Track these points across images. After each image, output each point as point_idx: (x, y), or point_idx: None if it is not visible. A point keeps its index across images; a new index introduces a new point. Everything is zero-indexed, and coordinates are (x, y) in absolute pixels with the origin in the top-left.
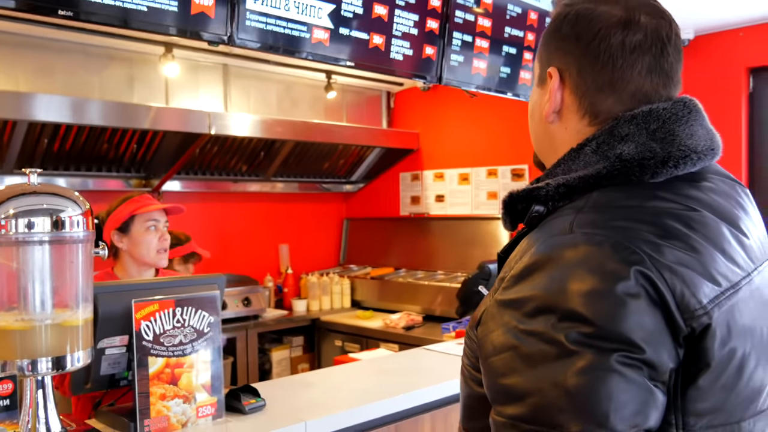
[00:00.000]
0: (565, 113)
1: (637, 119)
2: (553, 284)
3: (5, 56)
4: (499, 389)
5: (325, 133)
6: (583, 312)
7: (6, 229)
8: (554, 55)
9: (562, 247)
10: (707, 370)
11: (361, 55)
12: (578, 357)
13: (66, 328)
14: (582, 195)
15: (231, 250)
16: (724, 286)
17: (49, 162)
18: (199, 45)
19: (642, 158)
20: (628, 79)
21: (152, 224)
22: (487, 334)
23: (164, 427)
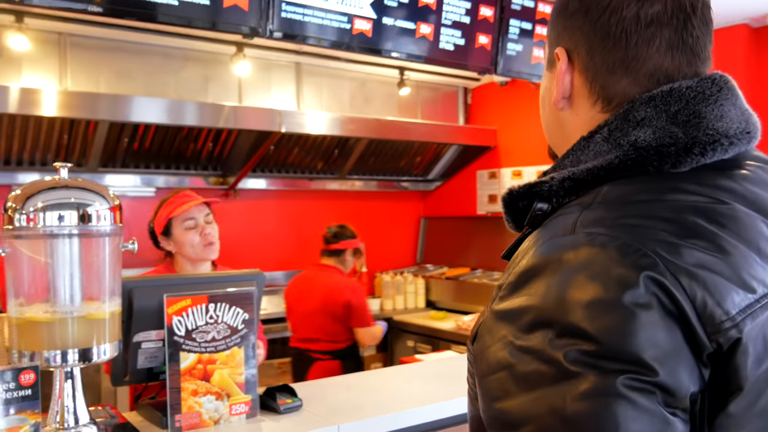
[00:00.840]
0: (575, 98)
1: (656, 100)
2: (551, 293)
3: (87, 59)
4: (494, 414)
5: (399, 131)
6: (584, 326)
7: (34, 222)
8: (562, 35)
9: (562, 250)
10: (739, 393)
11: (408, 45)
12: (579, 379)
13: (92, 321)
14: (591, 189)
15: (306, 247)
16: (760, 293)
17: (130, 161)
18: (270, 44)
19: (660, 145)
20: (644, 57)
21: (190, 223)
22: (482, 350)
23: (196, 423)
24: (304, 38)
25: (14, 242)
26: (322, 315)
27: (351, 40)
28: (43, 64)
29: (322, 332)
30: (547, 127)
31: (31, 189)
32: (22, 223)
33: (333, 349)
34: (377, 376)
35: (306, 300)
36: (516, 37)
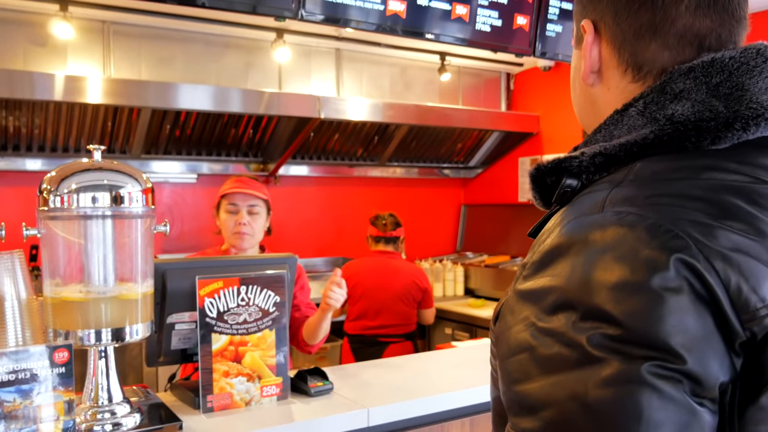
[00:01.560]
0: (605, 71)
1: (696, 71)
2: (576, 274)
3: (130, 47)
4: (513, 397)
5: (440, 117)
6: (609, 309)
7: (68, 203)
8: (587, 7)
9: (590, 229)
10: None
11: (443, 26)
12: (602, 365)
13: (125, 302)
14: (623, 166)
15: (346, 233)
16: None
17: (172, 147)
18: (310, 30)
19: (699, 119)
20: (672, 17)
21: (231, 207)
22: (504, 330)
23: (227, 404)
24: (339, 20)
25: (49, 223)
26: (402, 300)
27: (385, 22)
28: (87, 52)
29: (401, 317)
30: (579, 108)
31: (65, 171)
32: (56, 205)
33: (406, 332)
34: (408, 361)
35: (387, 287)
36: (556, 17)
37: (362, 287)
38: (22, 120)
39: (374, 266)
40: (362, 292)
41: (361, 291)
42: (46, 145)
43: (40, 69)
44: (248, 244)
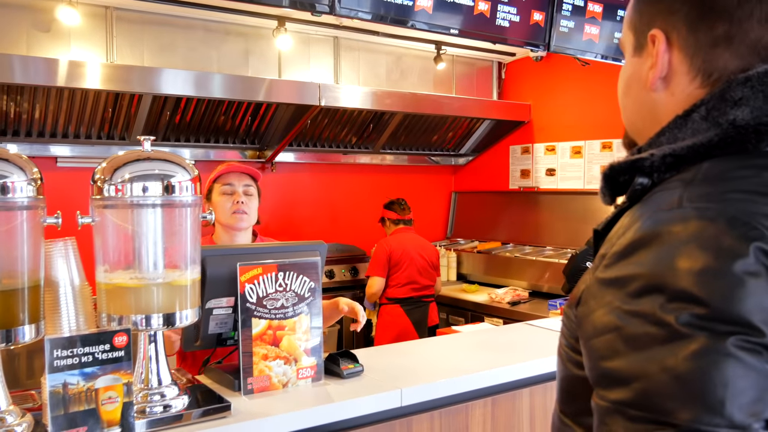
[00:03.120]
0: (672, 78)
1: (752, 80)
2: (661, 262)
3: (131, 33)
4: (602, 372)
5: (434, 105)
6: (695, 292)
7: (123, 192)
8: (656, 18)
9: (671, 223)
10: None
11: (466, 22)
12: (690, 340)
13: (175, 288)
14: (691, 166)
15: (340, 220)
16: None
17: (171, 133)
18: (310, 18)
19: (759, 123)
20: (747, 29)
21: (227, 188)
22: (588, 314)
23: (266, 386)
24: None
25: (103, 212)
26: (432, 266)
27: (414, 17)
28: (91, 38)
29: (433, 280)
30: (632, 113)
31: (117, 161)
32: (110, 194)
33: (433, 293)
34: (426, 345)
35: (423, 256)
36: (569, 13)
37: (409, 255)
38: (23, 105)
39: (410, 239)
40: (410, 260)
41: (408, 259)
42: (45, 131)
43: (43, 54)
44: (246, 224)
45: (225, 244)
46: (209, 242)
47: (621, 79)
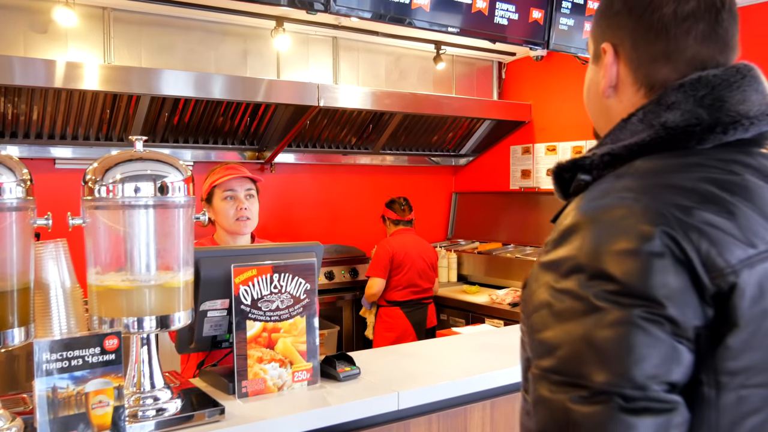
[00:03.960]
0: (620, 87)
1: (685, 87)
2: (586, 245)
3: (129, 34)
4: (536, 344)
5: (434, 105)
6: (609, 270)
7: (114, 193)
8: (607, 31)
9: (598, 210)
10: (736, 329)
11: (464, 20)
12: (604, 313)
13: (168, 290)
14: (625, 163)
15: (339, 221)
16: (761, 248)
17: (170, 134)
18: (309, 18)
19: (687, 125)
20: (683, 47)
21: (229, 194)
22: (530, 294)
23: (261, 389)
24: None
25: (94, 212)
26: (431, 268)
27: (411, 15)
28: (88, 39)
29: (432, 282)
30: (592, 114)
31: (109, 161)
32: (101, 194)
33: (432, 295)
34: (425, 347)
35: (423, 258)
36: (568, 11)
37: (411, 258)
38: (20, 107)
39: (410, 241)
40: (411, 263)
41: (410, 262)
42: (43, 132)
43: (40, 56)
44: (250, 228)
45: (220, 246)
46: (211, 242)
47: (585, 83)
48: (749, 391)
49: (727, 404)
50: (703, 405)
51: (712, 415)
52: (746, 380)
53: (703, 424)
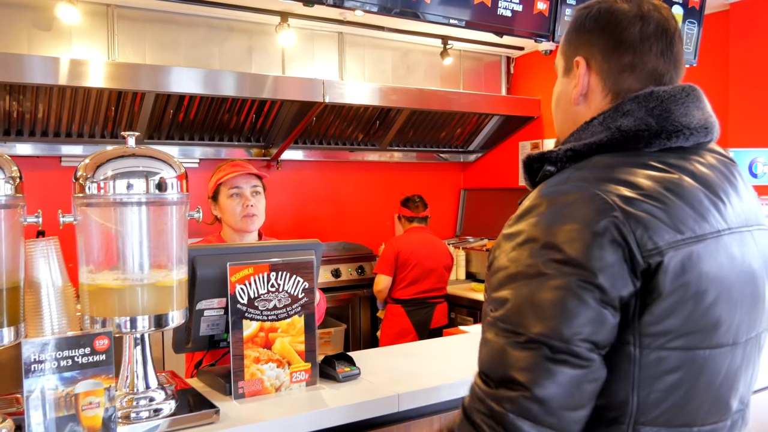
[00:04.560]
0: (590, 95)
1: (639, 99)
2: (542, 221)
3: (133, 30)
4: (492, 300)
5: (441, 101)
6: (559, 243)
7: (104, 190)
8: (580, 47)
9: (556, 194)
10: (659, 299)
11: (466, 12)
12: (548, 278)
13: (161, 288)
14: (585, 158)
15: (347, 218)
16: (687, 234)
17: (175, 131)
18: (314, 13)
19: (638, 130)
20: (646, 60)
21: (235, 191)
22: (493, 260)
23: (258, 390)
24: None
25: (85, 210)
26: (444, 268)
27: (407, 6)
28: (91, 37)
29: (443, 281)
30: (560, 122)
31: (100, 158)
32: (92, 191)
33: (444, 294)
34: (429, 347)
35: (434, 256)
36: (574, 2)
37: (417, 257)
38: (25, 105)
39: (421, 239)
40: (417, 261)
41: (415, 260)
42: (49, 130)
43: (44, 53)
44: (256, 225)
45: (216, 243)
46: (217, 240)
47: (553, 95)
48: (668, 352)
49: (648, 362)
50: (627, 361)
51: (634, 370)
52: (666, 343)
53: (627, 377)
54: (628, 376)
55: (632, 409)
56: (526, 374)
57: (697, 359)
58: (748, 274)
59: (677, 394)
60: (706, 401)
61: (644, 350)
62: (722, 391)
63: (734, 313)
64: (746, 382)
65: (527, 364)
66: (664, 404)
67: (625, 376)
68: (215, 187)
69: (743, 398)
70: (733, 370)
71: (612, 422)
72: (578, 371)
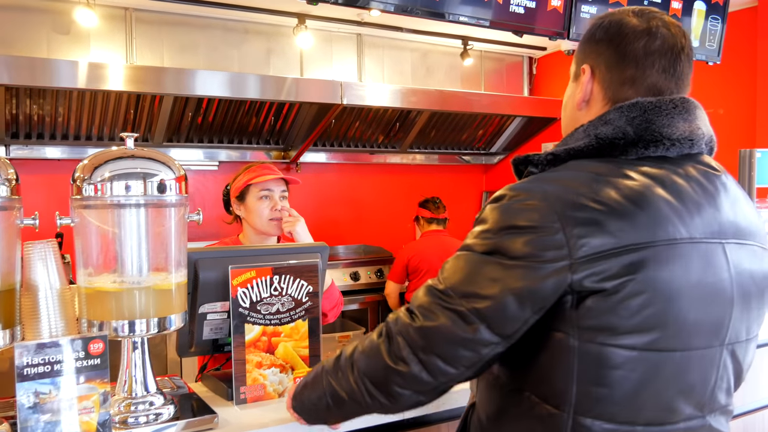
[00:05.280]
0: (592, 102)
1: (623, 108)
2: (495, 209)
3: (151, 34)
4: (438, 273)
5: (462, 102)
6: (492, 226)
7: (102, 191)
8: (590, 55)
9: (521, 188)
10: (594, 295)
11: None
12: (474, 252)
13: (159, 292)
14: (564, 162)
15: (367, 221)
16: (633, 241)
17: (194, 135)
18: (331, 14)
19: (614, 138)
20: (646, 75)
21: (265, 194)
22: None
23: (260, 395)
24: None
25: (82, 212)
26: None
27: (416, 4)
28: (110, 40)
29: None
30: (566, 124)
31: (98, 159)
32: (89, 193)
33: None
34: None
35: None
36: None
37: (428, 263)
38: (45, 108)
39: (436, 243)
40: (429, 267)
41: (427, 266)
42: (69, 133)
43: (63, 57)
44: (280, 231)
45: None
46: (235, 242)
47: (564, 98)
48: (611, 349)
49: (588, 356)
50: (566, 352)
51: (573, 361)
52: (607, 339)
53: (566, 368)
54: (567, 367)
55: (571, 399)
56: (419, 310)
57: (642, 360)
58: (709, 284)
59: (621, 390)
60: (649, 401)
61: (584, 343)
62: (669, 395)
63: (684, 320)
64: (709, 391)
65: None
66: (608, 399)
67: (563, 365)
68: (243, 187)
69: (703, 406)
70: (683, 374)
71: (552, 411)
72: (467, 329)
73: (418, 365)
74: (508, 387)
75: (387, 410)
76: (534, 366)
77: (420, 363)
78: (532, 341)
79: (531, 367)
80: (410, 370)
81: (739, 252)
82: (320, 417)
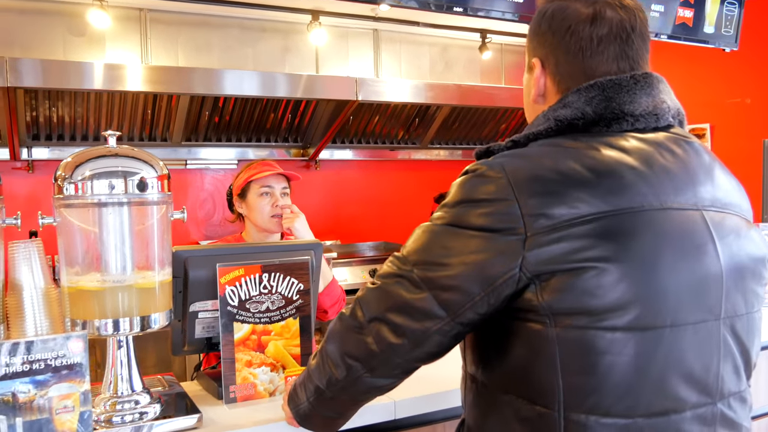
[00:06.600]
0: (547, 95)
1: (581, 90)
2: (458, 184)
3: (166, 34)
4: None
5: (482, 97)
6: (450, 201)
7: (82, 190)
8: (537, 48)
9: (479, 164)
10: (556, 274)
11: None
12: (434, 225)
13: (142, 290)
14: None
15: (387, 218)
16: (583, 212)
17: (212, 133)
18: (346, 10)
19: (573, 119)
20: (597, 64)
21: (266, 190)
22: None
23: (251, 394)
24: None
25: (64, 211)
26: None
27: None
28: (125, 41)
29: None
30: (528, 115)
31: (80, 158)
32: (70, 192)
33: None
34: None
35: None
36: None
37: None
38: (64, 110)
39: None
40: None
41: None
42: (89, 134)
43: (79, 59)
44: (282, 228)
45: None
46: (237, 240)
47: (523, 88)
48: (592, 332)
49: (569, 342)
50: (546, 342)
51: (555, 351)
52: (586, 322)
53: (550, 360)
54: (548, 359)
55: (559, 395)
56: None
57: (629, 341)
58: (689, 253)
59: (611, 379)
60: (645, 388)
61: (563, 330)
62: (667, 379)
63: (665, 292)
64: (713, 373)
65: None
66: (599, 390)
67: (545, 358)
68: (244, 185)
69: (711, 391)
70: (679, 355)
71: (541, 410)
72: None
73: (369, 331)
74: (491, 391)
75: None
76: (514, 364)
77: (370, 331)
78: (509, 337)
79: (511, 366)
80: (360, 336)
81: (723, 222)
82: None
